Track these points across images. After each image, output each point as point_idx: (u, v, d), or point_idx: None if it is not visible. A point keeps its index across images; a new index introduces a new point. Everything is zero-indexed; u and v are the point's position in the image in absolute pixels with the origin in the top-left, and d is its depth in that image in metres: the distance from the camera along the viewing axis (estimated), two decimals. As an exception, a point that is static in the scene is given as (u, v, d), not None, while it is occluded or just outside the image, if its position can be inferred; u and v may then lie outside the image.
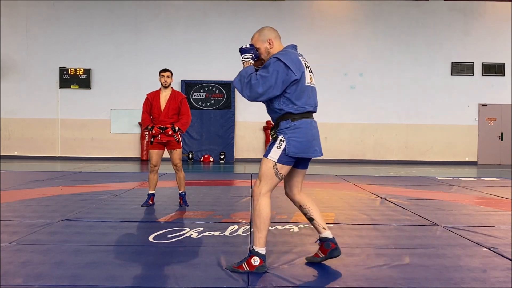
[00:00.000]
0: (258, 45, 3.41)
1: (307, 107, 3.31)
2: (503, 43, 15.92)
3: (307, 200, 3.56)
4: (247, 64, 3.34)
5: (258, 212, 3.27)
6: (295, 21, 15.90)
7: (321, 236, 3.49)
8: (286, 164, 3.29)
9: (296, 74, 3.23)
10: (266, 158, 3.29)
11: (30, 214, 5.38)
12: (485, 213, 5.88)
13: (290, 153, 3.23)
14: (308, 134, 3.28)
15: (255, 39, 3.43)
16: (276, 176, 3.29)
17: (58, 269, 3.32)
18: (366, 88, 15.95)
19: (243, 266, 3.26)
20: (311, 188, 8.24)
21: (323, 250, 3.47)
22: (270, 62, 3.23)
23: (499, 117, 16.11)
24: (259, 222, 3.27)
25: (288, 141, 3.23)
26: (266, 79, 3.18)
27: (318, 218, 3.51)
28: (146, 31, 15.90)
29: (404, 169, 13.43)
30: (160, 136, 6.00)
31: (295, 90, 3.25)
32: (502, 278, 3.25)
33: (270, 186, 3.32)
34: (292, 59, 3.27)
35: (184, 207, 6.03)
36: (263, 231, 3.28)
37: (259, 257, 3.27)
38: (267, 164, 3.28)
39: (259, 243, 3.28)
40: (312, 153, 3.33)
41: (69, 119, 15.94)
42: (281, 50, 3.37)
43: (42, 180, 8.90)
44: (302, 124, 3.27)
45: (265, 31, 3.45)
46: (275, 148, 3.26)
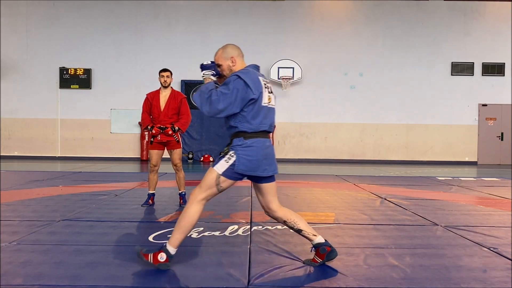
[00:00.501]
0: (220, 62, 3.45)
1: (261, 126, 3.36)
2: (503, 43, 15.92)
3: (289, 213, 3.55)
4: (207, 80, 3.43)
5: (187, 215, 3.34)
6: (295, 21, 15.90)
7: (315, 243, 3.50)
8: (230, 178, 3.33)
9: (254, 93, 3.27)
10: (213, 168, 3.35)
11: (30, 214, 5.38)
12: (485, 213, 5.88)
13: (238, 169, 3.28)
14: (259, 154, 3.32)
15: (218, 55, 3.47)
16: (216, 187, 3.33)
17: (58, 269, 3.32)
18: (366, 88, 15.95)
19: (149, 256, 3.34)
20: (311, 188, 8.24)
21: (320, 256, 3.48)
22: (230, 79, 3.28)
23: (499, 117, 16.11)
24: (183, 224, 3.33)
25: (238, 158, 3.28)
26: (227, 96, 3.22)
27: (305, 227, 3.52)
28: (146, 31, 15.90)
29: (404, 169, 13.43)
30: (160, 136, 6.00)
31: (251, 109, 3.31)
32: (502, 278, 3.25)
33: (208, 195, 3.36)
34: (252, 78, 3.31)
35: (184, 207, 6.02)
36: (182, 234, 3.35)
37: (167, 255, 3.34)
38: (212, 174, 3.33)
39: (174, 243, 3.35)
40: (261, 172, 3.35)
41: (69, 119, 15.94)
42: (243, 69, 3.41)
43: (42, 180, 8.90)
44: (254, 143, 3.31)
45: (228, 49, 3.47)
46: (223, 161, 3.32)
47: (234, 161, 3.28)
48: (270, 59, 15.47)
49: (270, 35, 15.74)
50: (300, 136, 16.02)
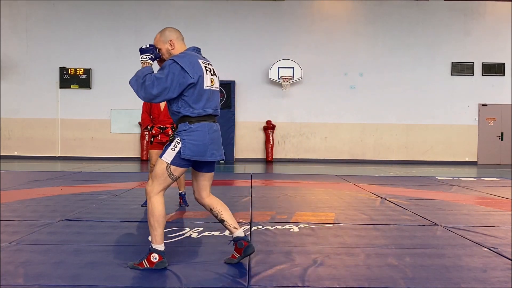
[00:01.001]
0: (159, 46, 3.40)
1: (205, 110, 3.31)
2: (503, 43, 15.92)
3: (216, 202, 3.54)
4: (145, 65, 3.33)
5: (151, 211, 3.31)
6: (295, 21, 15.90)
7: (234, 236, 3.50)
8: (180, 166, 3.30)
9: (192, 77, 3.21)
10: (160, 159, 3.31)
11: (30, 214, 5.38)
12: (485, 213, 5.88)
13: (185, 155, 3.24)
14: (205, 138, 3.28)
15: (157, 39, 3.42)
16: (170, 177, 3.31)
17: (58, 269, 3.31)
18: (366, 88, 15.95)
19: (143, 263, 3.34)
20: (311, 188, 8.24)
21: (237, 250, 3.46)
22: (166, 64, 3.23)
23: (499, 117, 16.11)
24: (153, 221, 3.31)
25: (184, 143, 3.24)
26: (161, 81, 3.17)
27: (228, 218, 3.50)
28: (146, 31, 15.88)
29: (404, 169, 13.43)
30: (160, 136, 6.00)
31: (192, 93, 3.25)
32: (502, 278, 3.25)
33: (163, 186, 3.33)
34: (190, 61, 3.26)
35: (184, 207, 6.03)
36: (158, 229, 3.32)
37: (158, 253, 3.34)
38: (161, 166, 3.29)
39: (156, 240, 3.34)
40: (209, 156, 3.32)
41: (69, 119, 15.94)
42: (181, 52, 3.36)
43: (42, 180, 8.90)
44: (200, 127, 3.27)
45: (166, 32, 3.43)
46: (169, 150, 3.28)
47: (180, 147, 3.24)
48: (270, 59, 15.47)
49: (270, 35, 15.74)
50: (300, 136, 16.02)
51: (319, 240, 4.30)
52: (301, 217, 5.41)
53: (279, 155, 15.97)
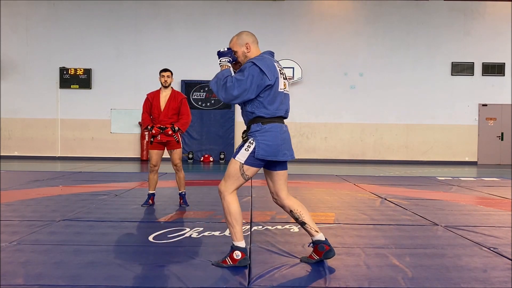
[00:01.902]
0: (235, 49, 3.53)
1: (278, 112, 3.40)
2: (503, 43, 15.92)
3: (297, 204, 3.59)
4: (224, 67, 3.44)
5: (227, 210, 3.39)
6: (295, 21, 15.90)
7: (314, 240, 3.53)
8: (253, 166, 3.37)
9: (270, 79, 3.31)
10: (234, 159, 3.39)
11: (30, 214, 5.38)
12: (485, 213, 5.88)
13: (259, 155, 3.31)
14: (277, 138, 3.35)
15: (233, 42, 3.55)
16: (242, 177, 3.38)
17: (58, 269, 3.32)
18: (366, 88, 15.96)
19: (227, 260, 3.40)
20: (311, 188, 8.24)
21: (317, 253, 3.51)
22: (246, 66, 3.33)
23: (499, 117, 16.11)
24: (230, 219, 3.39)
25: (258, 143, 3.32)
26: (241, 83, 3.27)
27: (309, 221, 3.54)
28: (146, 31, 15.90)
29: (404, 169, 13.43)
30: (160, 136, 6.00)
31: (268, 95, 3.35)
32: (502, 278, 3.25)
33: (236, 185, 3.41)
34: (267, 64, 3.36)
35: (184, 207, 6.03)
36: (236, 226, 3.39)
37: (240, 250, 3.39)
38: (235, 165, 3.37)
39: (236, 237, 3.41)
40: (281, 156, 3.39)
41: (69, 119, 15.94)
42: (258, 55, 3.47)
43: (42, 180, 8.90)
44: (272, 128, 3.36)
45: (243, 36, 3.58)
46: (243, 150, 3.36)
47: (253, 147, 3.32)
48: (270, 59, 15.46)
49: (270, 35, 15.73)
50: (300, 136, 16.01)
51: (319, 240, 4.30)
52: (301, 217, 5.41)
53: (279, 155, 15.95)
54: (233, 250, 3.40)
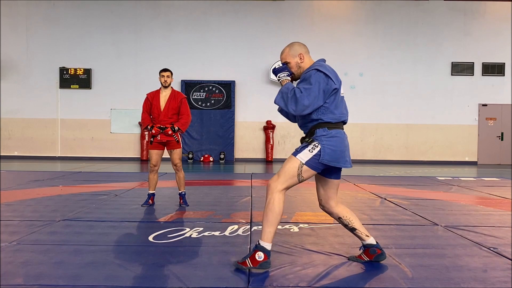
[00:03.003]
0: (288, 60, 3.48)
1: (342, 116, 3.38)
2: (503, 43, 15.92)
3: (345, 211, 3.54)
4: (285, 82, 3.43)
5: (272, 206, 3.24)
6: (295, 21, 15.90)
7: (366, 243, 3.52)
8: (312, 169, 3.28)
9: (335, 83, 3.29)
10: (295, 157, 3.29)
11: (30, 214, 5.38)
12: (485, 213, 5.88)
13: (323, 160, 3.24)
14: (342, 144, 3.32)
15: (286, 54, 3.49)
16: (298, 177, 3.28)
17: (58, 269, 3.32)
18: (366, 88, 15.95)
19: (247, 262, 3.24)
20: (311, 188, 8.23)
21: (368, 255, 3.52)
22: (310, 74, 3.27)
23: (499, 117, 16.11)
24: (271, 217, 3.23)
25: (323, 148, 3.24)
26: (311, 91, 3.21)
27: (359, 227, 3.52)
28: (146, 31, 15.90)
29: (404, 169, 13.43)
30: (160, 136, 6.00)
31: (333, 100, 3.32)
32: (502, 278, 3.25)
33: (288, 185, 3.29)
34: (330, 69, 3.34)
35: (184, 207, 6.03)
36: (273, 226, 3.24)
37: (264, 252, 3.23)
38: (294, 163, 3.27)
39: (267, 237, 3.24)
40: (343, 163, 3.33)
41: (69, 119, 15.94)
42: (316, 63, 3.42)
43: (42, 180, 8.90)
44: (338, 133, 3.32)
45: (295, 46, 3.49)
46: (307, 150, 3.28)
47: (319, 150, 3.24)
48: (270, 59, 15.46)
49: (270, 35, 15.74)
50: (300, 136, 15.99)
51: (319, 240, 4.30)
52: (301, 217, 5.41)
53: (279, 155, 15.97)
54: (257, 250, 3.23)
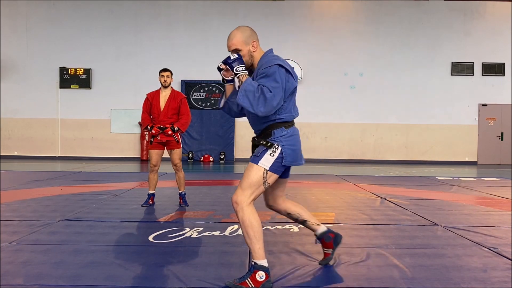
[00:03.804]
0: (240, 47, 3.04)
1: (297, 113, 3.18)
2: (503, 43, 15.91)
3: (293, 205, 3.39)
4: (245, 77, 2.96)
5: (248, 223, 2.96)
6: (295, 21, 15.90)
7: (319, 234, 3.40)
8: (276, 173, 3.05)
9: (296, 80, 3.07)
10: (257, 165, 2.99)
11: (30, 214, 5.38)
12: (485, 213, 5.88)
13: (286, 162, 3.03)
14: (299, 142, 3.16)
15: (237, 40, 3.04)
16: (264, 185, 3.02)
17: (58, 269, 3.32)
18: (366, 88, 15.95)
19: (247, 282, 2.92)
20: (311, 188, 8.24)
21: (327, 245, 3.41)
22: (274, 70, 2.93)
23: (499, 117, 16.11)
24: (252, 233, 2.95)
25: (284, 149, 3.02)
26: (279, 90, 2.90)
27: (309, 217, 3.39)
28: (146, 31, 15.90)
29: (404, 169, 13.43)
30: (160, 136, 6.00)
31: (291, 98, 3.09)
32: (502, 278, 3.25)
33: (256, 195, 3.03)
34: (288, 64, 3.05)
35: (184, 207, 6.03)
36: (259, 242, 2.96)
37: (265, 271, 2.95)
38: (258, 172, 2.98)
39: (260, 255, 2.96)
40: (300, 161, 3.18)
41: (69, 119, 15.94)
42: (271, 55, 3.12)
43: (42, 180, 8.90)
44: (295, 131, 3.13)
45: (248, 32, 3.08)
46: (267, 155, 3.00)
47: (280, 153, 3.00)
48: (270, 59, 15.46)
49: (270, 35, 15.72)
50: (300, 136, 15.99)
51: (319, 240, 4.30)
52: (301, 217, 5.41)
53: (279, 155, 15.96)
54: (256, 270, 2.93)
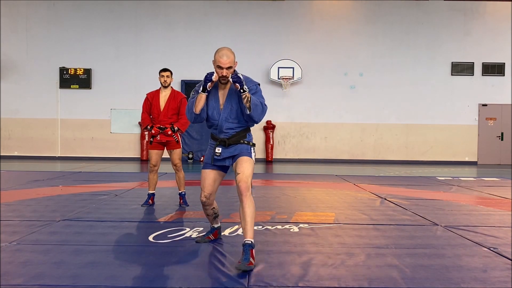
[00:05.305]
0: (233, 66, 3.60)
1: None
2: (503, 43, 15.91)
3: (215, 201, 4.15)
4: (248, 94, 3.54)
5: (254, 205, 3.63)
6: (295, 21, 15.90)
7: (217, 226, 4.25)
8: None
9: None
10: (251, 159, 3.76)
11: (30, 214, 5.38)
12: (485, 213, 5.88)
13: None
14: None
15: (232, 59, 3.59)
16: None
17: (58, 269, 3.32)
18: (366, 88, 15.95)
19: (252, 261, 3.37)
20: (311, 188, 8.24)
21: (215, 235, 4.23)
22: (258, 88, 3.71)
23: (499, 117, 16.11)
24: (253, 215, 3.61)
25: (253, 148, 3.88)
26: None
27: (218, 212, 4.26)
28: (146, 31, 15.90)
29: (404, 169, 13.43)
30: (160, 136, 6.00)
31: None
32: (502, 278, 3.25)
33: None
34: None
35: (184, 207, 6.03)
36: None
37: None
38: (253, 164, 3.75)
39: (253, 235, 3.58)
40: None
41: (69, 119, 15.94)
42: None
43: (42, 180, 8.90)
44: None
45: (233, 53, 3.65)
46: (253, 152, 3.83)
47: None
48: (270, 59, 15.47)
49: (270, 35, 15.74)
50: (300, 136, 16.01)
51: (319, 240, 4.30)
52: (301, 217, 5.41)
53: (279, 155, 15.97)
54: (251, 249, 3.44)
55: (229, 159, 3.81)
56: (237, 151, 3.77)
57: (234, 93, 3.68)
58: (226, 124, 3.74)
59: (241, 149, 3.77)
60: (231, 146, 3.78)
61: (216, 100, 3.73)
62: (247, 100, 3.50)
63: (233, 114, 3.71)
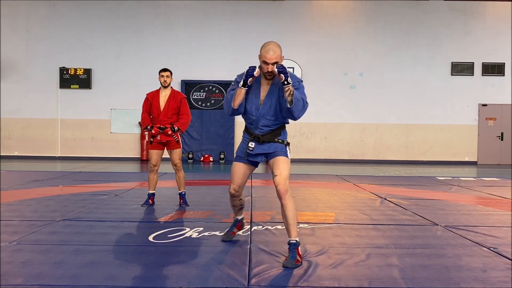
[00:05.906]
0: (279, 61, 3.55)
1: None
2: (503, 43, 15.91)
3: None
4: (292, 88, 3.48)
5: (295, 207, 3.67)
6: (295, 21, 15.90)
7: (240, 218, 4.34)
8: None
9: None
10: (288, 158, 3.67)
11: (30, 214, 5.38)
12: (485, 213, 5.88)
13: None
14: None
15: (279, 54, 3.54)
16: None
17: (58, 269, 3.32)
18: (366, 88, 15.95)
19: (299, 259, 3.48)
20: (311, 188, 8.24)
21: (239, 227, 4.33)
22: (302, 85, 3.67)
23: (499, 117, 16.11)
24: (295, 216, 3.65)
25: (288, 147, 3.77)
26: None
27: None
28: (146, 31, 15.89)
29: (404, 169, 13.43)
30: (160, 136, 6.00)
31: None
32: (502, 278, 3.25)
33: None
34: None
35: (184, 207, 6.03)
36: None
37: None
38: (289, 164, 3.67)
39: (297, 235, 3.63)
40: None
41: (69, 119, 15.93)
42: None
43: (42, 180, 8.90)
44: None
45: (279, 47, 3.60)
46: (288, 151, 3.71)
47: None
48: (270, 59, 15.45)
49: (270, 35, 15.70)
50: (300, 136, 16.01)
51: (319, 240, 4.30)
52: (301, 217, 5.41)
53: (279, 155, 15.95)
54: (297, 248, 3.52)
55: (261, 156, 3.73)
56: (271, 149, 3.68)
57: (275, 90, 3.61)
58: (263, 120, 3.65)
59: (275, 147, 3.67)
60: (264, 143, 3.68)
61: (256, 95, 3.66)
62: (289, 93, 3.41)
63: (272, 111, 3.62)
